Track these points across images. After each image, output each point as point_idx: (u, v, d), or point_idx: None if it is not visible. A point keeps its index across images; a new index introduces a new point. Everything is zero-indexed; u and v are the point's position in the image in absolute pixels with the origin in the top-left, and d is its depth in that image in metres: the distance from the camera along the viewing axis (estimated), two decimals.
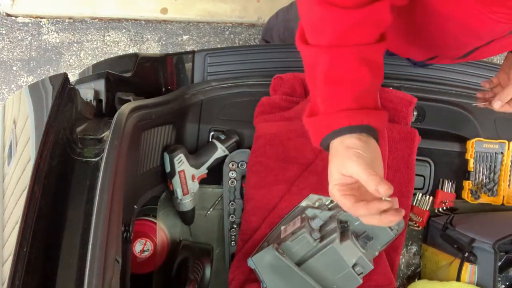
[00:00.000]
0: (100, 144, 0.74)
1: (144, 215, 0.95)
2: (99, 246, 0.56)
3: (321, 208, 0.90)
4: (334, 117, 0.59)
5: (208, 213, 1.00)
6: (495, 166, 1.06)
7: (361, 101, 0.60)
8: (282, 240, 0.85)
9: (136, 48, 2.04)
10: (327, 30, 0.58)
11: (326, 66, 0.60)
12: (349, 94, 0.60)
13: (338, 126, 0.59)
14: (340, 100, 0.60)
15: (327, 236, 0.83)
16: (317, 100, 0.62)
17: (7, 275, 0.56)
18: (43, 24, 2.04)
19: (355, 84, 0.60)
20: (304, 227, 0.83)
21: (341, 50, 0.59)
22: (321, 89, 0.61)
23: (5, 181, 0.74)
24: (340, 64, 0.59)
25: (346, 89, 0.60)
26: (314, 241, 0.82)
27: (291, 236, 0.83)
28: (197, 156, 0.95)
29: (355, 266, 0.82)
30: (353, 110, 0.59)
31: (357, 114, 0.59)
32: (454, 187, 1.05)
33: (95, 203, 0.60)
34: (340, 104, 0.60)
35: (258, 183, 0.94)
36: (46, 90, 0.80)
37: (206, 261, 0.93)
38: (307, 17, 0.60)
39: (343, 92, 0.60)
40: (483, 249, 0.91)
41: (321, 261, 0.82)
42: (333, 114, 0.60)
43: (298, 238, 0.82)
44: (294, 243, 0.82)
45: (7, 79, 2.03)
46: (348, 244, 0.82)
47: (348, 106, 0.59)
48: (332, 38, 0.58)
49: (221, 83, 1.01)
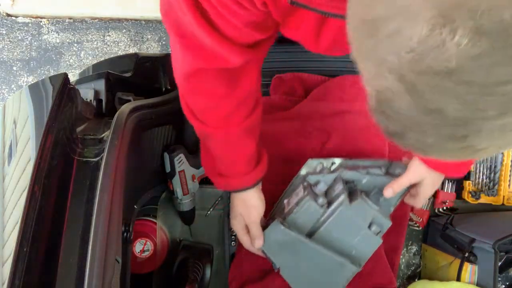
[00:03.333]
0: (100, 144, 0.74)
1: (144, 215, 0.95)
2: (99, 246, 0.56)
3: (323, 172, 0.81)
4: (232, 181, 0.78)
5: (208, 213, 1.00)
6: (495, 166, 1.06)
7: (252, 163, 0.77)
8: (287, 214, 0.78)
9: (136, 48, 2.04)
10: (211, 117, 0.72)
11: (217, 144, 0.76)
12: (242, 164, 0.77)
13: (238, 187, 0.79)
14: (237, 171, 0.78)
15: (334, 199, 0.75)
16: (219, 165, 0.79)
17: (7, 275, 0.56)
18: (43, 24, 2.04)
19: (245, 153, 0.76)
20: (308, 194, 0.75)
21: (228, 131, 0.72)
22: (218, 161, 0.78)
23: (5, 181, 0.74)
24: (229, 141, 0.73)
25: (239, 160, 0.76)
26: (321, 208, 0.75)
27: (296, 207, 0.75)
28: (197, 156, 0.95)
29: (371, 226, 0.75)
30: (249, 173, 0.77)
31: (251, 176, 0.78)
32: (454, 187, 1.05)
33: (95, 203, 0.60)
34: (238, 171, 0.78)
35: None
36: (46, 90, 0.80)
37: (206, 261, 0.93)
38: (193, 104, 0.73)
39: (237, 164, 0.77)
40: (483, 249, 0.91)
41: (333, 228, 0.74)
42: (232, 179, 0.78)
43: (303, 208, 0.74)
44: (299, 214, 0.75)
45: (7, 79, 2.03)
46: (359, 204, 0.74)
47: (244, 171, 0.77)
48: (218, 122, 0.72)
49: None
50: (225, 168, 0.78)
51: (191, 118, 0.73)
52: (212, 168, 0.80)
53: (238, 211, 0.82)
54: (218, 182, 0.81)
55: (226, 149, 0.76)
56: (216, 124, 0.72)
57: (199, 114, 0.72)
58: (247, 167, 0.77)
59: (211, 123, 0.72)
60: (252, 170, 0.78)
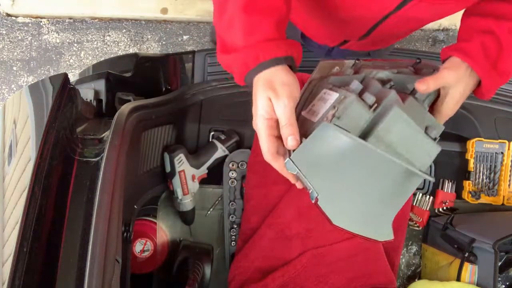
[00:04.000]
0: (100, 144, 0.74)
1: (144, 215, 0.95)
2: (99, 246, 0.56)
3: (347, 73, 0.64)
4: (258, 49, 0.55)
5: (208, 213, 1.00)
6: (496, 166, 1.06)
7: (281, 30, 0.57)
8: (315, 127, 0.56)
9: (136, 48, 2.04)
10: None
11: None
12: (271, 23, 0.56)
13: (264, 58, 0.55)
14: (263, 30, 0.56)
15: (382, 98, 0.57)
16: (232, 33, 0.57)
17: (7, 275, 0.56)
18: (43, 24, 2.04)
19: (275, 11, 0.57)
20: (351, 93, 0.56)
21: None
22: (240, 19, 0.56)
23: (5, 181, 0.74)
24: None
25: (267, 17, 0.56)
26: (369, 110, 0.56)
27: (334, 111, 0.54)
28: (197, 156, 0.95)
29: (428, 130, 0.60)
30: (277, 40, 0.56)
31: (281, 45, 0.56)
32: (454, 187, 1.05)
33: (95, 203, 0.60)
34: (263, 35, 0.55)
35: (258, 183, 0.94)
36: (46, 90, 0.80)
37: (206, 261, 0.93)
38: None
39: (265, 22, 0.56)
40: (483, 249, 0.91)
41: (385, 135, 0.56)
42: (257, 46, 0.55)
43: (347, 110, 0.54)
44: (342, 119, 0.54)
45: (7, 79, 2.03)
46: (412, 103, 0.59)
47: (272, 36, 0.56)
48: None
49: (221, 83, 1.01)
50: (249, 30, 0.56)
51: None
52: (231, 42, 0.58)
53: (263, 97, 0.55)
54: (236, 60, 0.57)
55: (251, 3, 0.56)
56: None
57: None
58: (276, 31, 0.57)
59: None
60: (282, 37, 0.58)
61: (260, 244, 0.92)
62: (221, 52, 0.60)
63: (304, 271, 0.90)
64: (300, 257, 0.90)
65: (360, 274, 0.92)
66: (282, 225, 0.92)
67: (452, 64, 0.64)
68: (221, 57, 0.60)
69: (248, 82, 0.58)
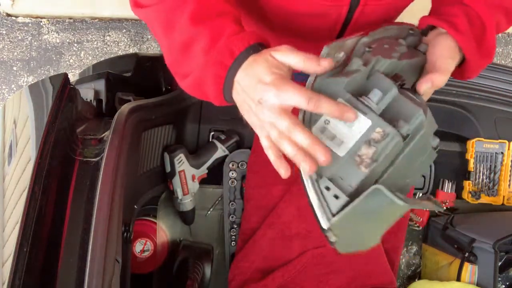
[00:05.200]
0: (100, 144, 0.74)
1: (144, 215, 0.95)
2: (99, 246, 0.56)
3: (354, 65, 0.53)
4: (230, 45, 0.51)
5: (208, 213, 1.00)
6: (496, 166, 1.06)
7: (239, 24, 0.54)
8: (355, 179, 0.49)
9: (136, 48, 2.04)
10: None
11: (192, 7, 0.52)
12: (232, 22, 0.53)
13: (239, 49, 0.51)
14: (228, 28, 0.52)
15: (409, 121, 0.51)
16: (195, 47, 0.53)
17: (7, 275, 0.56)
18: (43, 24, 2.04)
19: (230, 13, 0.54)
20: (389, 127, 0.48)
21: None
22: (196, 30, 0.52)
23: (5, 181, 0.74)
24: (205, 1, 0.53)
25: (226, 18, 0.53)
26: (404, 140, 0.50)
27: (372, 154, 0.48)
28: (197, 156, 0.95)
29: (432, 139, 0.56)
30: (244, 31, 0.52)
31: (251, 34, 0.52)
32: (454, 187, 1.05)
33: (95, 203, 0.60)
34: (229, 31, 0.52)
35: (258, 183, 0.94)
36: (46, 90, 0.80)
37: (206, 261, 0.93)
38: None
39: (226, 21, 0.53)
40: (483, 249, 0.91)
41: (410, 156, 0.51)
42: (228, 43, 0.51)
43: (385, 151, 0.48)
44: (379, 160, 0.48)
45: (7, 79, 2.03)
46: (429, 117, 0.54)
47: (238, 30, 0.52)
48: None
49: None
50: (214, 34, 0.52)
51: (138, 10, 0.57)
52: (196, 57, 0.53)
53: (256, 79, 0.49)
54: (209, 66, 0.52)
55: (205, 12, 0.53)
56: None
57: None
58: (239, 26, 0.54)
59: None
60: (243, 30, 0.54)
61: (260, 244, 0.92)
62: (185, 76, 0.55)
63: (304, 271, 0.90)
64: (300, 257, 0.90)
65: (360, 274, 0.92)
66: (282, 225, 0.92)
67: (442, 43, 0.59)
68: (189, 81, 0.55)
69: (227, 90, 0.53)
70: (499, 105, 1.06)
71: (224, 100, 0.55)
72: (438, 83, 0.57)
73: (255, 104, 0.49)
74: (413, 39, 0.62)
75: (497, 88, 1.07)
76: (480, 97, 1.06)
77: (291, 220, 0.91)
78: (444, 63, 0.58)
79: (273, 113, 0.48)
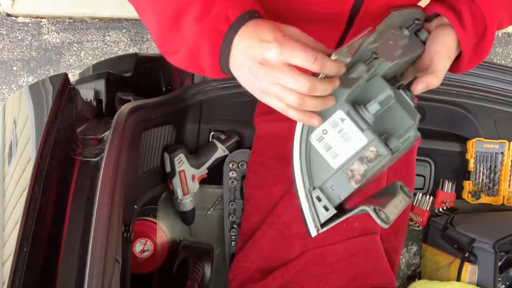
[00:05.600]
0: (100, 144, 0.74)
1: (144, 215, 0.95)
2: (99, 246, 0.56)
3: (359, 71, 0.54)
4: (226, 10, 0.48)
5: (208, 213, 1.00)
6: (496, 166, 1.06)
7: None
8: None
9: (136, 48, 2.04)
10: None
11: None
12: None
13: (235, 15, 0.48)
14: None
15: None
16: (188, 16, 0.49)
17: (7, 275, 0.56)
18: (43, 24, 2.04)
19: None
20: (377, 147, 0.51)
21: None
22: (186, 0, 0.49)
23: (5, 181, 0.74)
24: None
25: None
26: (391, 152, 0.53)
27: (364, 171, 0.51)
28: (197, 156, 0.95)
29: None
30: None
31: (244, 0, 0.49)
32: (454, 187, 1.05)
33: (95, 203, 0.60)
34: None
35: (258, 183, 0.94)
36: (46, 90, 0.80)
37: (206, 261, 0.93)
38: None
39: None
40: (483, 249, 0.91)
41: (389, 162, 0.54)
42: (223, 8, 0.48)
43: (374, 165, 0.51)
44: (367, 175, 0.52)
45: (7, 79, 2.03)
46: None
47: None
48: None
49: (221, 83, 1.01)
50: (207, 2, 0.49)
51: None
52: (188, 26, 0.50)
53: (256, 39, 0.47)
54: (203, 34, 0.49)
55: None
56: None
57: None
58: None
59: None
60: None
61: (260, 244, 0.92)
62: (176, 50, 0.53)
63: (304, 271, 0.90)
64: (300, 257, 0.90)
65: (360, 274, 0.92)
66: (282, 225, 0.92)
67: (443, 40, 0.59)
68: (181, 54, 0.52)
69: (224, 59, 0.50)
70: (499, 105, 1.06)
71: (220, 71, 0.52)
72: (433, 85, 0.58)
73: (257, 65, 0.47)
74: (416, 27, 0.63)
75: (497, 88, 1.07)
76: (480, 97, 1.06)
77: (291, 220, 0.91)
78: (441, 64, 0.59)
79: (278, 72, 0.46)
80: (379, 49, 0.55)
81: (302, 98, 0.48)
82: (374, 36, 0.56)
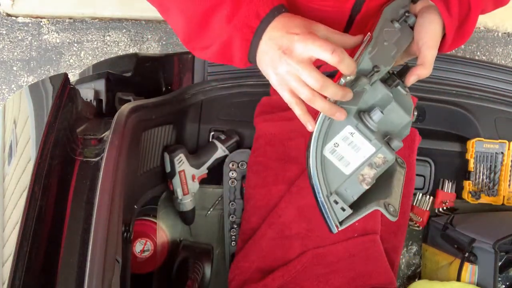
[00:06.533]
0: (100, 144, 0.74)
1: (144, 215, 0.95)
2: (99, 246, 0.56)
3: (362, 83, 0.57)
4: (257, 6, 0.52)
5: (208, 213, 1.00)
6: (496, 166, 1.06)
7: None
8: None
9: (136, 48, 2.04)
10: None
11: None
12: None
13: (265, 11, 0.53)
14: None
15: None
16: (220, 13, 0.53)
17: (7, 275, 0.56)
18: (43, 24, 2.04)
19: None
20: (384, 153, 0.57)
21: None
22: (216, 1, 0.53)
23: (5, 181, 0.74)
24: None
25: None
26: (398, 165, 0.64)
27: (373, 175, 0.58)
28: (197, 156, 0.95)
29: None
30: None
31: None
32: (454, 187, 1.05)
33: (95, 203, 0.60)
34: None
35: (258, 183, 0.94)
36: (47, 90, 0.80)
37: (206, 261, 0.93)
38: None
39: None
40: (483, 249, 0.91)
41: None
42: (253, 4, 0.52)
43: (381, 169, 0.58)
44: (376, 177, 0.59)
45: (7, 79, 2.03)
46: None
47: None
48: None
49: (221, 83, 1.01)
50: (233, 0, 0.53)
51: None
52: (219, 22, 0.54)
53: (285, 30, 0.52)
54: (234, 30, 0.53)
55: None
56: None
57: None
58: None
59: None
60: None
61: (260, 244, 0.92)
62: (207, 46, 0.57)
63: (304, 271, 0.90)
64: (300, 257, 0.91)
65: (360, 274, 0.92)
66: (282, 225, 0.92)
67: (429, 28, 0.60)
68: (213, 50, 0.57)
69: (252, 50, 0.54)
70: (499, 105, 1.06)
71: (248, 61, 0.57)
72: (424, 75, 0.61)
73: (280, 54, 0.51)
74: (406, 16, 0.64)
75: (497, 88, 1.07)
76: (480, 97, 1.06)
77: (291, 220, 0.91)
78: (429, 55, 0.60)
79: (297, 63, 0.50)
80: (377, 58, 0.58)
81: (313, 94, 0.51)
82: (372, 45, 0.59)
